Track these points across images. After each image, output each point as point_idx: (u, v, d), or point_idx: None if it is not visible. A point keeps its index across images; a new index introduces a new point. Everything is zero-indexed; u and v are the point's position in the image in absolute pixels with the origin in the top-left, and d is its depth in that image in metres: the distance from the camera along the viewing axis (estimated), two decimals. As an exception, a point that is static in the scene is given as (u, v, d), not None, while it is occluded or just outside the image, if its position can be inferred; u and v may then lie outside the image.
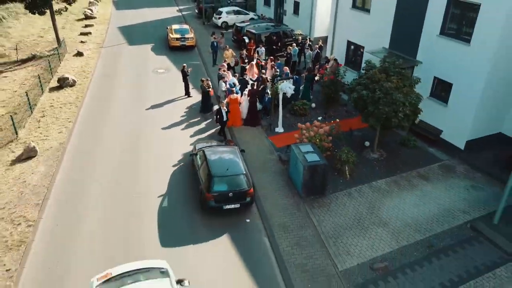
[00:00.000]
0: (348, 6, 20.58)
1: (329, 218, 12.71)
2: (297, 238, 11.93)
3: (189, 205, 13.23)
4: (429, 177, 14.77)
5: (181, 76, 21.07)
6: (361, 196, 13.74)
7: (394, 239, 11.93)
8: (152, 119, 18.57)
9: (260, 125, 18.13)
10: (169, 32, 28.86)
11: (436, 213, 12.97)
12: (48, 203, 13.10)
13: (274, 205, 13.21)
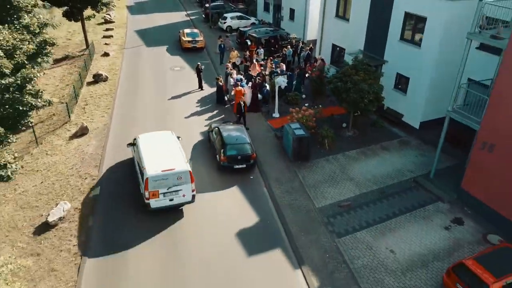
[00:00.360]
0: (332, 15, 25.17)
1: (311, 175, 17.31)
2: (287, 187, 16.52)
3: (207, 166, 17.81)
4: (389, 149, 19.37)
5: (194, 73, 25.61)
6: (336, 161, 18.34)
7: (357, 188, 16.53)
8: (173, 107, 23.14)
9: (261, 111, 22.69)
10: (181, 35, 33.42)
11: (390, 171, 17.57)
12: (103, 165, 17.69)
13: (271, 167, 17.81)
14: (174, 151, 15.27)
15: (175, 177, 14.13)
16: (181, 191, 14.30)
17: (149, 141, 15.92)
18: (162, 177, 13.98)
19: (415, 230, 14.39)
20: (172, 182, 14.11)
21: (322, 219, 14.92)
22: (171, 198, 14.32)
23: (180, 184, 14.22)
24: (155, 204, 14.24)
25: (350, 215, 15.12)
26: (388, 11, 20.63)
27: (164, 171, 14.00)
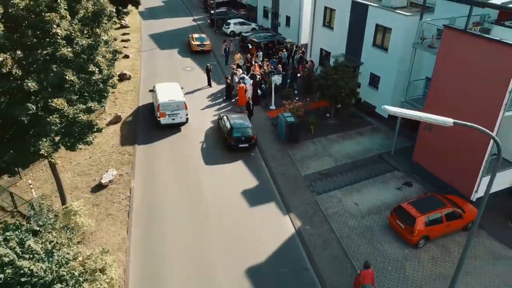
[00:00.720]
0: (320, 24, 30.01)
1: (299, 153, 22.15)
2: (280, 161, 21.37)
3: (217, 146, 22.66)
4: (363, 134, 24.22)
5: (203, 73, 30.44)
6: (319, 143, 23.18)
7: (334, 162, 21.38)
8: (188, 100, 27.84)
9: (260, 105, 27.51)
10: (190, 39, 38.24)
11: (361, 150, 22.42)
12: (136, 148, 22.55)
13: (268, 146, 22.67)
14: (177, 92, 24.61)
15: (175, 105, 23.26)
16: (179, 114, 23.47)
17: (162, 87, 25.24)
18: (168, 104, 23.12)
19: (374, 190, 19.24)
20: (173, 108, 23.22)
21: (306, 183, 19.76)
22: (173, 118, 23.48)
23: (178, 110, 23.36)
24: (163, 121, 23.35)
25: (327, 180, 19.97)
26: (363, 23, 25.47)
27: (169, 100, 23.23)
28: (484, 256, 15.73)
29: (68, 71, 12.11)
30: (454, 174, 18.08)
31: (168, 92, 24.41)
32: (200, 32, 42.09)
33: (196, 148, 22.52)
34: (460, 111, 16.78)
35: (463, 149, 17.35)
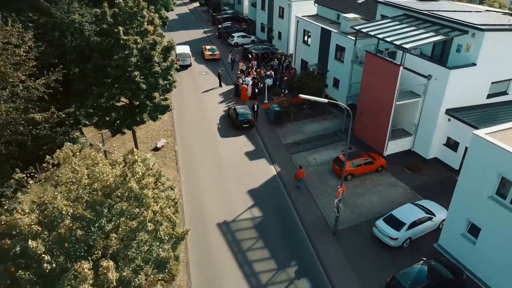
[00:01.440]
0: (301, 41, 41.35)
1: (282, 131, 33.54)
2: (269, 135, 32.78)
3: (228, 126, 34.07)
4: (326, 119, 35.59)
5: (215, 76, 41.82)
6: (296, 124, 34.55)
7: (305, 136, 32.76)
8: (205, 96, 39.35)
9: (257, 99, 38.88)
10: (204, 50, 49.62)
11: (324, 129, 33.77)
12: (175, 127, 33.94)
13: (262, 127, 34.08)
14: (186, 50, 46.28)
15: (187, 55, 45.21)
16: (187, 60, 45.40)
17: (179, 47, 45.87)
18: (181, 54, 45.06)
19: (328, 152, 30.59)
20: (185, 56, 44.62)
21: (285, 147, 31.17)
22: (183, 62, 44.64)
23: (186, 58, 44.91)
24: (179, 63, 42.01)
25: (299, 146, 31.36)
26: (328, 43, 36.81)
27: (182, 52, 44.96)
28: (385, 184, 27.07)
29: (160, 79, 23.58)
30: (374, 141, 29.46)
31: (181, 49, 46.08)
32: (211, 44, 53.54)
33: (214, 127, 33.95)
34: (376, 102, 28.19)
35: (378, 126, 28.71)
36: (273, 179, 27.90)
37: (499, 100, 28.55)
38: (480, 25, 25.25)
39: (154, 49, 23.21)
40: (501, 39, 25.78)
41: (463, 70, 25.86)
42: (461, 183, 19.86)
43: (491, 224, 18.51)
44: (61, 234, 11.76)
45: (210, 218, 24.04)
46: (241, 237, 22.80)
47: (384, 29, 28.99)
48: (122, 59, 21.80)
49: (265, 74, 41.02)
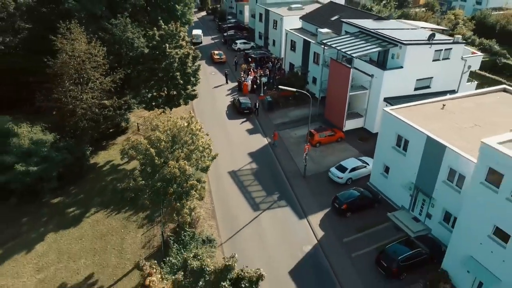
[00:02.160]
0: (289, 49, 53.68)
1: (273, 115, 45.91)
2: (263, 118, 45.18)
3: (233, 112, 46.45)
4: (307, 106, 47.68)
5: (222, 75, 54.22)
6: (284, 112, 46.86)
7: (289, 118, 45.09)
8: (216, 91, 51.71)
9: (255, 93, 51.20)
10: (212, 54, 61.96)
11: (302, 114, 45.85)
12: (195, 112, 46.29)
13: (259, 113, 46.47)
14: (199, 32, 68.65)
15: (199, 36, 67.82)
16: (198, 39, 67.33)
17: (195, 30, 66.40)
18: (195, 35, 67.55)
19: (305, 129, 42.83)
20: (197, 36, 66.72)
21: (275, 126, 43.52)
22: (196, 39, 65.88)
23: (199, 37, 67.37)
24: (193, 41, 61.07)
25: (285, 125, 43.70)
26: (308, 50, 49.11)
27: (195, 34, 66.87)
28: (341, 149, 39.28)
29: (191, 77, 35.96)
30: (337, 120, 41.75)
31: (196, 32, 67.58)
32: (218, 49, 65.88)
33: (223, 112, 46.32)
34: (337, 93, 40.56)
35: (339, 110, 40.98)
36: (266, 147, 40.23)
37: (425, 92, 40.72)
38: (405, 40, 37.53)
39: (187, 57, 35.57)
40: (419, 50, 38.03)
41: (393, 71, 38.16)
42: (379, 140, 32.15)
43: (393, 164, 30.82)
44: (160, 148, 24.16)
45: (223, 168, 36.37)
46: (243, 179, 35.16)
47: (344, 42, 41.27)
48: (168, 64, 34.17)
49: (261, 74, 53.36)
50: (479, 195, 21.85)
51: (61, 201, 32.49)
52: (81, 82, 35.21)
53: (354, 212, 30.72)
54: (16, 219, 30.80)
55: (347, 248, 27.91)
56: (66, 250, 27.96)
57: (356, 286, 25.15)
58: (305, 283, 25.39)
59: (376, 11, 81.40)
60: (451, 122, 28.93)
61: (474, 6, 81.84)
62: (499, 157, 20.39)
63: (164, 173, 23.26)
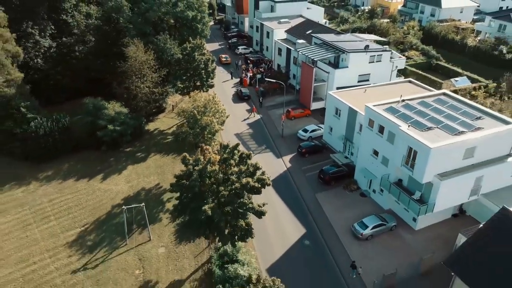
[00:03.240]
0: (277, 54, 73.94)
1: (265, 101, 66.22)
2: (258, 103, 65.43)
3: (236, 98, 66.79)
4: (288, 95, 68.12)
5: (227, 73, 74.58)
6: (273, 97, 67.15)
7: (276, 103, 65.35)
8: (224, 84, 72.02)
9: (252, 85, 71.46)
10: (221, 57, 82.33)
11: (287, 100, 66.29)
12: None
13: (254, 99, 66.81)
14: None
15: None
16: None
17: None
18: None
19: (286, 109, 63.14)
20: None
21: (265, 107, 63.77)
22: None
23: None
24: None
25: (272, 107, 63.94)
26: (290, 54, 69.39)
27: None
28: (307, 121, 59.39)
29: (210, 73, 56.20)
30: (306, 102, 61.97)
31: None
32: (224, 53, 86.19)
33: (229, 98, 66.69)
34: (306, 84, 60.83)
35: (307, 96, 61.18)
36: (258, 120, 60.49)
37: (365, 84, 60.76)
38: (349, 50, 57.73)
39: (208, 61, 55.88)
40: (359, 56, 58.17)
41: (342, 69, 58.38)
42: (326, 112, 52.28)
43: (334, 125, 51.00)
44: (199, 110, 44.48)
45: (231, 132, 56.62)
46: (244, 137, 55.48)
47: (312, 50, 61.48)
48: (196, 65, 54.49)
49: (257, 72, 73.66)
50: (366, 133, 42.17)
51: (131, 150, 52.82)
52: (141, 77, 55.44)
53: (310, 155, 51.02)
54: (106, 159, 51.03)
55: (303, 172, 48.22)
56: (141, 172, 48.27)
57: (306, 188, 45.39)
58: (280, 187, 45.57)
59: (352, 21, 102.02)
60: (365, 98, 49.10)
61: (428, 18, 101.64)
62: (372, 112, 40.67)
63: (201, 123, 43.54)
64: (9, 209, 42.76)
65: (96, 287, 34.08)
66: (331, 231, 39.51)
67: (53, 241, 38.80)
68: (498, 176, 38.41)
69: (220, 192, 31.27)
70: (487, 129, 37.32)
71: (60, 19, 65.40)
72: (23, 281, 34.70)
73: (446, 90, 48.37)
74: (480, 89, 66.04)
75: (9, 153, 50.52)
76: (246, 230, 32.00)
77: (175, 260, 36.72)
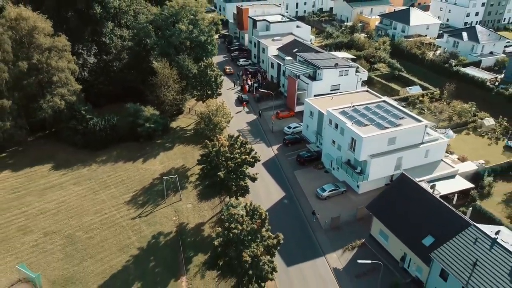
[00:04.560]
0: (270, 67, 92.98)
1: (260, 104, 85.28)
2: (254, 106, 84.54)
3: (237, 102, 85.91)
4: (278, 100, 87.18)
5: (231, 82, 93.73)
6: (266, 102, 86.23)
7: (268, 106, 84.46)
8: (228, 91, 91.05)
9: (250, 92, 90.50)
10: (225, 68, 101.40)
11: (277, 104, 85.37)
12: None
13: (252, 103, 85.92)
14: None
15: None
16: None
17: None
18: None
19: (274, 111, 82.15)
20: None
21: (258, 108, 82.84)
22: None
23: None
24: None
25: (266, 109, 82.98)
26: (280, 68, 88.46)
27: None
28: (291, 121, 78.39)
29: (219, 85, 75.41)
30: (291, 106, 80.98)
31: None
32: (228, 65, 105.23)
33: (232, 102, 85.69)
34: (292, 92, 79.95)
35: (292, 101, 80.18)
36: (255, 120, 79.55)
37: (336, 92, 79.59)
38: (323, 66, 76.79)
39: (218, 75, 75.15)
40: (330, 71, 77.16)
41: (317, 81, 77.42)
42: (304, 114, 71.31)
43: (309, 123, 70.01)
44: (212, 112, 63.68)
45: (234, 128, 75.49)
46: (243, 132, 74.58)
47: (296, 65, 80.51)
48: (208, 79, 73.73)
49: (254, 81, 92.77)
50: (327, 129, 61.34)
51: (161, 141, 71.96)
52: (167, 87, 74.49)
53: (292, 145, 70.24)
54: (143, 148, 70.09)
55: (286, 157, 67.44)
56: (170, 157, 67.42)
57: (288, 167, 64.52)
58: (269, 167, 64.65)
59: (336, 36, 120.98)
60: (331, 104, 68.05)
61: (400, 33, 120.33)
62: (330, 114, 59.81)
63: (214, 121, 62.72)
64: (81, 181, 61.85)
65: (148, 226, 53.17)
66: (302, 194, 58.63)
67: (115, 201, 57.89)
68: (414, 158, 57.43)
69: (228, 164, 50.32)
70: (404, 126, 56.41)
71: (100, 41, 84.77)
72: (100, 223, 53.77)
73: (386, 98, 67.54)
74: (427, 95, 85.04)
75: (74, 144, 69.57)
76: (245, 188, 51.12)
77: (198, 211, 55.86)
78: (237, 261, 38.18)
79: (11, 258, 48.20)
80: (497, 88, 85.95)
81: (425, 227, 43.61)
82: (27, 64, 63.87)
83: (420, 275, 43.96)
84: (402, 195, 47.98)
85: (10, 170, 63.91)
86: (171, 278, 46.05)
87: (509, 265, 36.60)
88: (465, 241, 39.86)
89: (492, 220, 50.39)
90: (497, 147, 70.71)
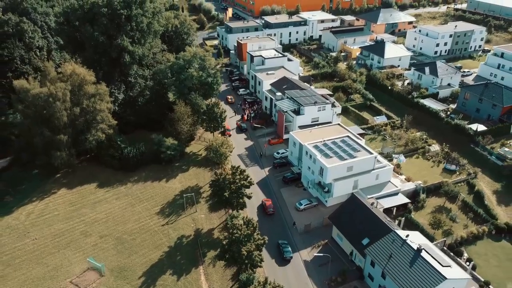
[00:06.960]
0: (264, 99, 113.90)
1: (255, 132, 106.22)
2: (251, 133, 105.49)
3: (237, 130, 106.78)
4: (270, 128, 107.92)
5: (233, 111, 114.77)
6: (261, 130, 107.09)
7: (262, 133, 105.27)
8: (230, 119, 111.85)
9: (248, 120, 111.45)
10: (227, 97, 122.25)
11: (269, 131, 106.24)
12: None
13: (249, 131, 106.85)
14: None
15: None
16: None
17: None
18: None
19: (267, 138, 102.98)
20: None
21: (256, 136, 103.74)
22: None
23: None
24: None
25: (260, 136, 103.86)
26: (272, 101, 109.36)
27: None
28: (281, 147, 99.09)
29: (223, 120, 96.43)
30: (280, 133, 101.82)
31: None
32: (230, 94, 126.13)
33: (233, 130, 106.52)
34: (281, 122, 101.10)
35: (281, 129, 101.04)
36: (252, 146, 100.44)
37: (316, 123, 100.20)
38: (304, 104, 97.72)
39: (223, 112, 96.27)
40: (311, 108, 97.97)
41: (300, 115, 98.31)
42: (289, 143, 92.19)
43: (293, 151, 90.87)
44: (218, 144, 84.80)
45: (235, 153, 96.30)
46: (242, 156, 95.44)
47: (284, 101, 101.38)
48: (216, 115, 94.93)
49: (252, 111, 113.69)
50: (304, 158, 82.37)
51: (179, 164, 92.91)
52: (183, 120, 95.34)
53: (280, 167, 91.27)
54: (165, 170, 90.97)
55: (275, 177, 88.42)
56: (187, 177, 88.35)
57: (275, 185, 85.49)
58: (261, 185, 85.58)
59: (322, 66, 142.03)
60: (309, 136, 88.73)
61: (376, 64, 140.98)
62: (306, 147, 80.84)
63: (220, 151, 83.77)
64: (120, 197, 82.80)
65: (174, 230, 74.11)
66: (285, 206, 79.58)
67: (148, 212, 78.83)
68: (367, 180, 78.35)
69: (231, 187, 71.31)
70: (359, 157, 77.39)
71: (127, 80, 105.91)
72: (139, 229, 74.72)
73: (349, 134, 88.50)
74: (390, 124, 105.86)
75: (111, 166, 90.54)
76: (243, 204, 72.24)
77: (209, 220, 76.83)
78: (238, 254, 59.15)
79: (79, 254, 69.19)
80: (446, 118, 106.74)
81: (364, 232, 64.54)
82: (79, 108, 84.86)
83: (361, 264, 64.91)
84: (352, 210, 68.93)
85: (66, 188, 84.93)
86: (193, 267, 67.09)
87: (410, 256, 57.58)
88: (387, 242, 60.83)
89: (417, 226, 71.32)
90: (438, 169, 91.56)
